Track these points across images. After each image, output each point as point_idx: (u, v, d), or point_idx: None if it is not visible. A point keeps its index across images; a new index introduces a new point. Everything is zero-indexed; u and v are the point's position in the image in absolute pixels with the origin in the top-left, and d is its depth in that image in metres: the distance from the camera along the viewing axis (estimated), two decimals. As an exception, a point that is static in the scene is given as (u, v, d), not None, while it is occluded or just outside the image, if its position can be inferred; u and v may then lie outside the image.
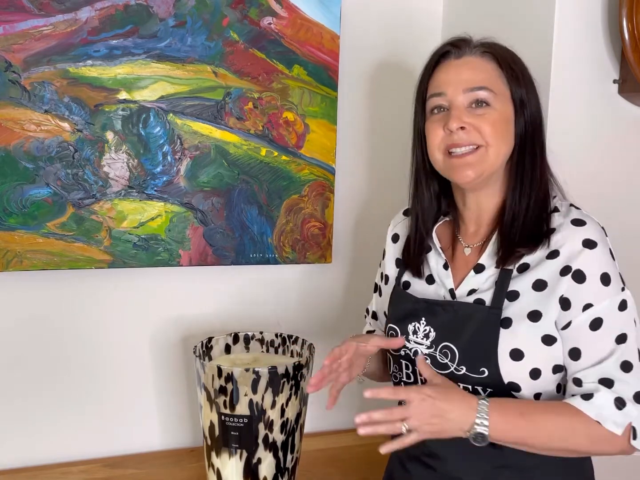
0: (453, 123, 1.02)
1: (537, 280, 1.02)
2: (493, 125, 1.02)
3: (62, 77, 1.38)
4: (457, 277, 1.11)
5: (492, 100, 1.03)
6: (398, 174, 1.75)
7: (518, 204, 1.05)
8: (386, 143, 1.73)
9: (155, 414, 1.60)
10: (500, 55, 1.05)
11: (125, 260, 1.47)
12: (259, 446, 1.25)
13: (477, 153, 1.03)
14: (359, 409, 1.74)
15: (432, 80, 1.08)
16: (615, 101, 1.43)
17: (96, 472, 1.48)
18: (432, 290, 1.13)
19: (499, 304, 1.03)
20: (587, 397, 0.98)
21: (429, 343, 1.08)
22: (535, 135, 1.06)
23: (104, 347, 1.54)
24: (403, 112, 1.73)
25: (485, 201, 1.10)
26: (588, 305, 0.99)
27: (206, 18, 1.46)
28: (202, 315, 1.61)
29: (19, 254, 1.39)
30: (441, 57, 1.08)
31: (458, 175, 1.05)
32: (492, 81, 1.04)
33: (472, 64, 1.05)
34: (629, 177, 1.48)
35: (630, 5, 1.32)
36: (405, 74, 1.72)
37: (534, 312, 1.01)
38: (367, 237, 1.72)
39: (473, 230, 1.13)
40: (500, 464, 1.03)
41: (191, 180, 1.50)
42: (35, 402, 1.50)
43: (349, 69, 1.64)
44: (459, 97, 1.04)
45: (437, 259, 1.14)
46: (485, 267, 1.08)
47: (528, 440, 0.97)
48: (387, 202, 1.72)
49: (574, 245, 1.00)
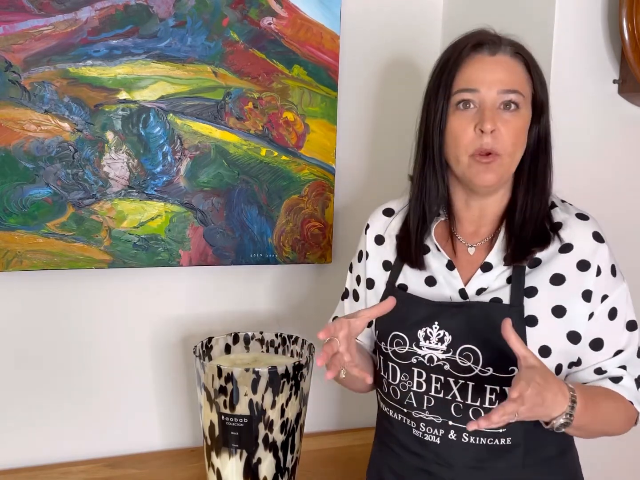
0: (487, 124, 0.99)
1: (555, 274, 1.03)
2: (515, 134, 1.02)
3: (62, 77, 1.38)
4: (463, 276, 1.09)
5: (521, 104, 1.02)
6: (398, 173, 1.75)
7: (530, 209, 1.05)
8: (386, 143, 1.72)
9: (155, 414, 1.60)
10: (528, 56, 1.05)
11: (125, 260, 1.47)
12: (259, 446, 1.25)
13: (497, 161, 1.02)
14: (359, 409, 1.75)
15: (462, 73, 1.03)
16: (615, 101, 1.43)
17: (96, 472, 1.48)
18: (435, 292, 1.09)
19: (519, 301, 1.02)
20: (616, 380, 1.04)
21: (445, 347, 1.04)
22: (548, 139, 1.07)
23: (104, 347, 1.54)
24: (403, 112, 1.73)
25: (491, 205, 1.09)
26: (605, 296, 1.03)
27: (206, 18, 1.46)
28: (202, 315, 1.61)
29: (19, 254, 1.39)
30: (472, 50, 1.03)
31: (480, 179, 1.02)
32: (522, 84, 1.03)
33: (507, 65, 1.03)
34: (629, 177, 1.48)
35: (630, 5, 1.32)
36: (405, 73, 1.73)
37: (558, 308, 1.02)
38: (367, 237, 1.72)
39: (472, 230, 1.11)
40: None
41: (191, 180, 1.50)
42: (35, 402, 1.50)
43: (349, 69, 1.64)
44: (493, 98, 1.01)
45: (439, 259, 1.10)
46: (493, 266, 1.07)
47: (589, 426, 0.99)
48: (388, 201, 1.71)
49: (586, 239, 1.04)
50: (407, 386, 1.09)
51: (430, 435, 1.07)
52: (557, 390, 0.92)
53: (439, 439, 1.06)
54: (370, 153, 1.72)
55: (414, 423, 1.09)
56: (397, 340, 1.08)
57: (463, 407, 1.03)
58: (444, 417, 1.05)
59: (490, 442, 1.03)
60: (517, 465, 1.04)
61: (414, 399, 1.07)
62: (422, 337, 1.06)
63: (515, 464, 1.04)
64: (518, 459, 1.04)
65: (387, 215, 1.20)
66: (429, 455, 1.08)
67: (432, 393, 1.06)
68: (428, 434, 1.07)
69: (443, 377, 1.04)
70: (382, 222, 1.20)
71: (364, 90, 1.69)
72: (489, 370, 1.01)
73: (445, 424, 1.05)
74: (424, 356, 1.06)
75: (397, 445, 1.13)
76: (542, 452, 1.05)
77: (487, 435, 1.03)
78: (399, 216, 1.18)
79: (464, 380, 1.03)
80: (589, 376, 1.05)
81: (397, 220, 1.18)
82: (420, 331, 1.06)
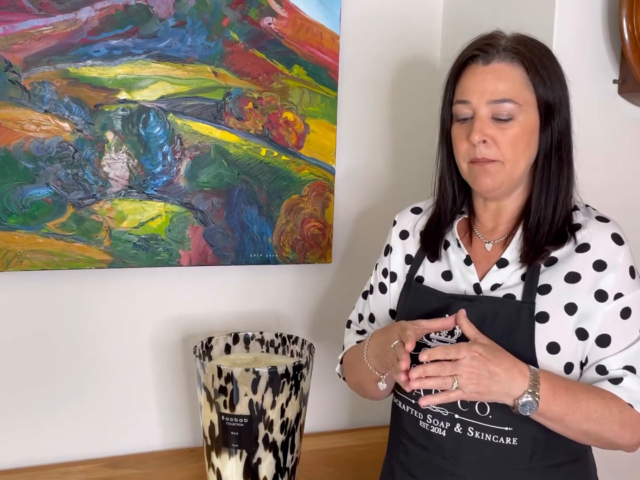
0: (475, 136, 1.02)
1: (570, 272, 1.04)
2: (512, 141, 1.02)
3: (62, 77, 1.38)
4: (479, 271, 1.10)
5: (516, 112, 1.02)
6: (398, 173, 1.76)
7: (544, 210, 1.06)
8: (386, 143, 1.73)
9: (155, 414, 1.60)
10: (529, 60, 1.03)
11: (125, 260, 1.47)
12: (259, 446, 1.25)
13: (495, 164, 1.04)
14: (359, 409, 1.75)
15: (459, 84, 1.07)
16: (615, 101, 1.43)
17: (96, 472, 1.48)
18: (451, 285, 1.12)
19: (531, 297, 1.03)
20: (615, 381, 1.01)
21: (454, 340, 1.06)
22: (564, 138, 1.07)
23: (104, 347, 1.54)
24: (403, 112, 1.73)
25: (507, 205, 1.11)
26: (619, 295, 1.02)
27: (206, 18, 1.46)
28: (202, 315, 1.61)
29: (19, 254, 1.39)
30: (469, 60, 1.06)
31: (479, 184, 1.06)
32: (517, 91, 1.02)
33: (499, 73, 1.03)
34: (629, 176, 1.48)
35: (630, 5, 1.32)
36: (405, 73, 1.73)
37: (570, 305, 1.02)
38: (367, 237, 1.72)
39: (491, 227, 1.14)
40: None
41: (191, 180, 1.50)
42: (35, 402, 1.50)
43: (349, 69, 1.64)
44: (483, 109, 1.03)
45: (458, 254, 1.13)
46: (509, 262, 1.08)
47: (567, 417, 0.97)
48: (387, 201, 1.72)
49: (605, 240, 1.04)
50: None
51: (436, 428, 1.07)
52: (511, 366, 0.95)
53: (444, 432, 1.06)
54: (371, 153, 1.72)
55: (422, 415, 1.10)
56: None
57: (469, 401, 1.03)
58: (451, 410, 1.06)
59: (496, 439, 1.03)
60: (522, 467, 1.03)
61: (422, 390, 1.07)
62: None
63: (520, 465, 1.03)
64: (523, 461, 1.03)
65: (415, 213, 1.25)
66: (434, 448, 1.08)
67: None
68: (434, 426, 1.08)
69: None
70: (410, 219, 1.24)
71: (364, 90, 1.69)
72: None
73: (451, 416, 1.05)
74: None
75: (406, 437, 1.14)
76: (551, 458, 1.04)
77: (493, 432, 1.03)
78: (426, 214, 1.22)
79: None
80: (591, 375, 1.04)
81: (425, 219, 1.21)
82: None
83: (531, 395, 0.94)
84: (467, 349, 0.94)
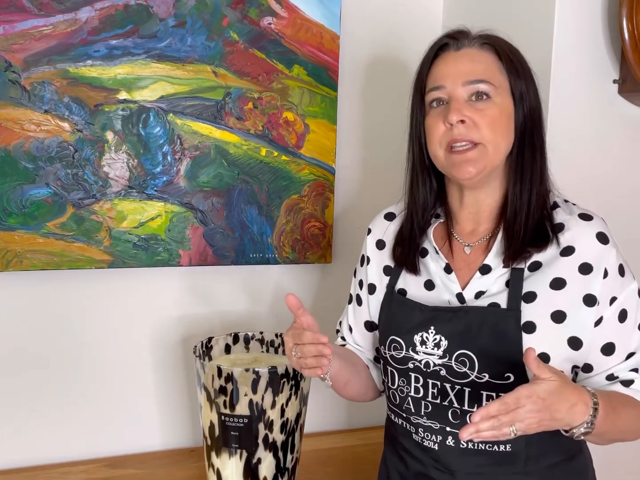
0: (453, 116, 0.99)
1: (555, 278, 1.00)
2: (492, 122, 1.00)
3: (62, 77, 1.38)
4: (461, 279, 1.06)
5: (492, 93, 1.01)
6: (398, 173, 1.75)
7: (519, 198, 1.03)
8: (386, 143, 1.72)
9: (155, 414, 1.60)
10: (499, 47, 1.03)
11: (125, 260, 1.47)
12: (259, 446, 1.25)
13: (477, 149, 1.00)
14: (358, 409, 1.75)
15: (431, 73, 1.05)
16: (615, 101, 1.43)
17: (96, 472, 1.48)
18: (433, 296, 1.08)
19: (516, 305, 0.99)
20: (627, 383, 1.01)
21: (440, 353, 1.02)
22: (535, 128, 1.04)
23: (104, 347, 1.54)
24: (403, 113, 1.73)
25: (485, 199, 1.07)
26: (614, 299, 1.00)
27: (206, 18, 1.46)
28: (202, 315, 1.61)
29: (19, 254, 1.39)
30: (439, 50, 1.05)
31: (459, 172, 1.01)
32: (491, 73, 1.02)
33: (471, 56, 1.02)
34: (628, 176, 1.48)
35: (630, 5, 1.32)
36: (405, 74, 1.72)
37: (558, 313, 0.99)
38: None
39: (470, 229, 1.09)
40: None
41: (191, 180, 1.50)
42: (35, 402, 1.50)
43: (349, 69, 1.64)
44: (459, 90, 1.01)
45: (438, 261, 1.09)
46: (492, 268, 1.04)
47: (607, 434, 0.96)
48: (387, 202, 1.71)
49: (589, 241, 1.00)
50: (405, 391, 1.08)
51: (428, 441, 1.06)
52: (575, 402, 0.89)
53: (437, 445, 1.05)
54: (371, 153, 1.72)
55: (413, 428, 1.08)
56: (395, 344, 1.08)
57: (460, 413, 1.02)
58: (442, 423, 1.04)
59: (490, 448, 1.01)
60: (519, 472, 1.02)
61: (412, 404, 1.07)
62: (418, 342, 1.05)
63: (516, 470, 1.02)
64: (519, 466, 1.02)
65: (388, 219, 1.21)
66: (429, 461, 1.07)
67: (430, 399, 1.05)
68: (426, 439, 1.06)
69: (440, 382, 1.03)
70: (383, 227, 1.20)
71: (364, 90, 1.69)
72: (484, 376, 0.99)
73: (443, 430, 1.04)
74: (420, 361, 1.05)
75: (401, 449, 1.13)
76: (546, 459, 1.03)
77: (486, 441, 1.01)
78: (397, 220, 1.18)
79: (460, 386, 1.02)
80: (600, 382, 1.02)
81: (396, 225, 1.17)
82: (416, 336, 1.05)
83: (589, 426, 0.90)
84: (527, 396, 0.86)
